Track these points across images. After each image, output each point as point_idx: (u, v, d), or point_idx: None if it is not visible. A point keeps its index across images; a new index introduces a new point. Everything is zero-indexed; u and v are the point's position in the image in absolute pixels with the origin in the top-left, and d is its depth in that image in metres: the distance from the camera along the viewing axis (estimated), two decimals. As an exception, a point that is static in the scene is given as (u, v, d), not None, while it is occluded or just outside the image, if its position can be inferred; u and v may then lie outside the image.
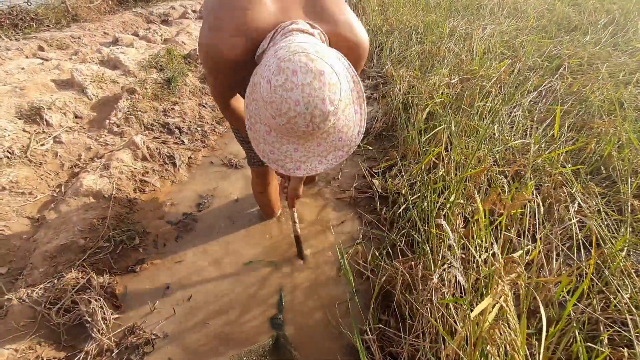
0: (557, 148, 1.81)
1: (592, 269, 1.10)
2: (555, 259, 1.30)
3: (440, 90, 2.30)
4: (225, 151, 2.38)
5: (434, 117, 2.13)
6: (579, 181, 1.67)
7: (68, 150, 2.18)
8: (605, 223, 1.45)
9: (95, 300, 1.31)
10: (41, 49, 3.27)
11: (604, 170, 1.79)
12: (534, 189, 1.60)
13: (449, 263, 1.09)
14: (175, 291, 1.45)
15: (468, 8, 5.20)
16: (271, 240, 1.69)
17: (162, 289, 1.46)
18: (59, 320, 1.26)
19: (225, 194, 1.99)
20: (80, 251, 1.53)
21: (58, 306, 1.28)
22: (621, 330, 1.03)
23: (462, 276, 0.92)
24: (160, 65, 3.21)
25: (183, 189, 2.05)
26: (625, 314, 1.04)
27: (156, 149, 2.23)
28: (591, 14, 4.06)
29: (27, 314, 1.27)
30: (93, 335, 1.23)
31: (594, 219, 1.43)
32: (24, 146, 2.02)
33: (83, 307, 1.28)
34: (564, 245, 1.36)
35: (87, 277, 1.39)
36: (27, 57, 2.98)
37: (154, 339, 1.26)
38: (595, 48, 3.12)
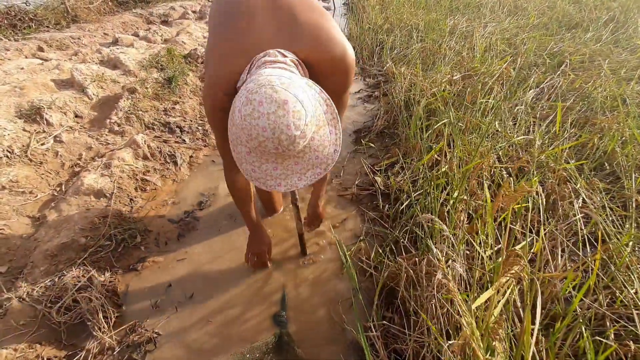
0: (561, 144, 1.80)
1: (598, 264, 1.09)
2: (561, 255, 1.29)
3: (441, 87, 2.29)
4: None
5: (436, 114, 2.12)
6: (583, 177, 1.65)
7: (69, 149, 2.17)
8: (610, 219, 1.44)
9: (97, 298, 1.30)
10: (41, 49, 3.26)
11: (607, 166, 1.78)
12: (538, 185, 1.59)
13: (446, 257, 1.08)
14: (177, 289, 1.44)
15: (469, 6, 5.19)
16: (273, 238, 1.68)
17: (164, 287, 1.45)
18: (59, 319, 1.25)
19: (226, 193, 1.98)
20: (81, 250, 1.52)
21: (59, 305, 1.27)
22: (627, 325, 1.02)
23: (461, 268, 0.91)
24: (161, 65, 3.21)
25: (184, 187, 2.05)
26: (632, 308, 1.03)
27: (157, 148, 2.22)
28: (592, 11, 4.05)
29: (28, 313, 1.26)
30: (94, 333, 1.22)
31: (599, 215, 1.42)
32: (24, 145, 2.02)
33: (84, 306, 1.28)
34: (569, 241, 1.35)
35: (88, 276, 1.38)
36: (27, 57, 2.97)
37: (156, 337, 1.25)
38: (596, 45, 3.11)
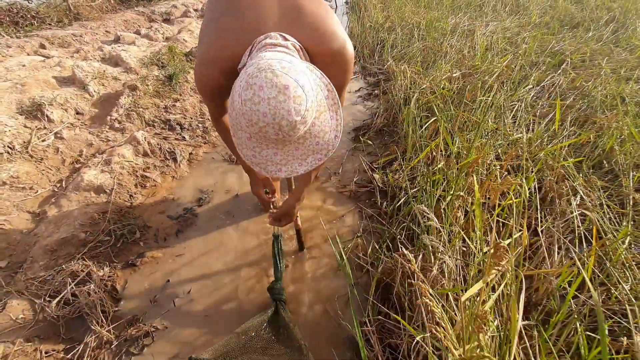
0: (560, 142, 1.80)
1: (593, 260, 1.09)
2: (557, 252, 1.29)
3: (441, 85, 2.29)
4: (226, 147, 2.38)
5: (437, 112, 2.12)
6: (582, 175, 1.65)
7: (69, 146, 2.19)
8: (608, 216, 1.44)
9: (95, 293, 1.31)
10: (42, 46, 3.28)
11: (606, 164, 1.78)
12: (534, 181, 1.59)
13: (440, 253, 1.08)
14: (175, 284, 1.45)
15: (470, 5, 5.18)
16: (271, 234, 1.69)
17: (163, 282, 1.46)
18: (58, 312, 1.26)
19: (225, 189, 1.99)
20: (81, 245, 1.53)
21: (58, 299, 1.29)
22: (621, 321, 1.03)
23: (454, 263, 0.92)
24: (162, 63, 3.22)
25: (184, 184, 2.06)
26: (626, 304, 1.03)
27: (157, 144, 2.23)
28: (593, 11, 4.04)
29: (27, 307, 1.28)
30: (92, 327, 1.23)
31: (596, 212, 1.42)
32: (25, 142, 2.03)
33: (83, 300, 1.29)
34: (566, 239, 1.35)
35: (87, 271, 1.39)
36: (29, 55, 2.99)
37: (154, 332, 1.26)
38: (597, 44, 3.10)
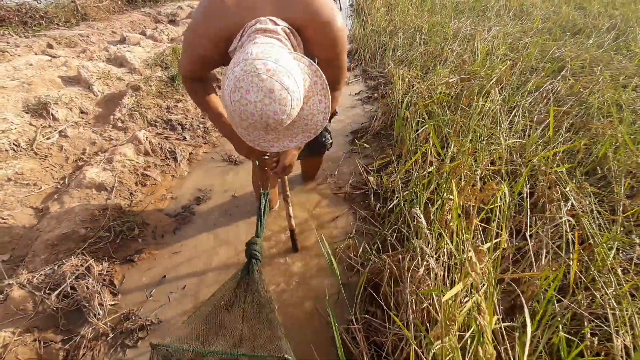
0: (554, 148, 1.82)
1: (576, 263, 1.11)
2: (545, 257, 1.31)
3: (438, 90, 2.32)
4: (226, 148, 2.42)
5: (433, 116, 2.15)
6: (575, 181, 1.67)
7: (73, 144, 2.24)
8: (597, 222, 1.46)
9: (93, 287, 1.36)
10: (50, 46, 3.35)
11: (600, 170, 1.80)
12: (528, 188, 1.61)
13: (425, 254, 1.11)
14: (171, 280, 1.49)
15: (474, 10, 5.20)
16: (266, 234, 1.72)
17: (159, 278, 1.50)
18: (57, 305, 1.31)
19: (223, 189, 2.03)
20: (81, 240, 1.58)
21: (57, 292, 1.33)
22: (602, 325, 1.05)
23: (438, 265, 0.95)
24: (165, 64, 3.28)
25: (183, 183, 2.10)
26: (607, 308, 1.05)
27: (158, 144, 2.28)
28: (595, 17, 4.04)
29: (27, 299, 1.32)
30: (90, 320, 1.28)
31: (585, 217, 1.44)
32: (30, 139, 2.09)
33: (81, 293, 1.33)
34: (554, 244, 1.37)
35: (86, 265, 1.43)
36: (36, 54, 3.06)
37: (149, 325, 1.30)
38: (598, 51, 3.11)
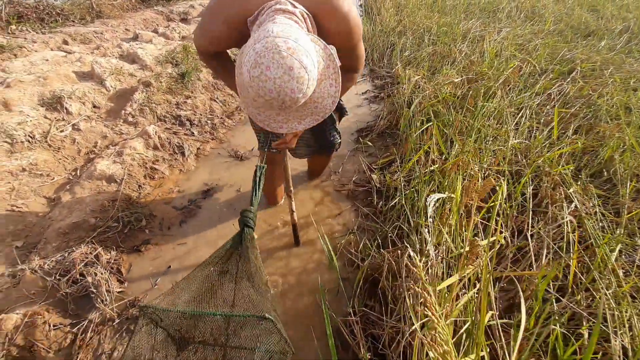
0: (559, 150, 1.81)
1: (575, 263, 1.12)
2: (545, 256, 1.32)
3: (443, 90, 2.32)
4: (233, 144, 2.47)
5: (439, 116, 2.15)
6: (580, 183, 1.67)
7: (85, 137, 2.31)
8: (600, 225, 1.46)
9: (101, 274, 1.40)
10: (65, 42, 3.44)
11: (605, 173, 1.79)
12: (531, 188, 1.61)
13: (425, 250, 1.12)
14: (175, 270, 1.53)
15: (484, 10, 5.17)
16: (269, 228, 1.76)
17: (164, 268, 1.54)
18: (67, 290, 1.35)
19: (229, 184, 2.07)
20: (91, 229, 1.63)
21: (67, 277, 1.38)
22: (601, 325, 1.05)
23: (440, 259, 0.96)
24: (176, 61, 3.34)
25: (190, 177, 2.14)
26: (606, 309, 1.05)
27: (167, 139, 2.33)
28: (608, 20, 3.99)
29: (39, 284, 1.37)
30: (97, 305, 1.32)
31: (588, 219, 1.44)
32: (44, 132, 2.16)
33: (90, 280, 1.38)
34: (556, 244, 1.37)
35: (95, 253, 1.48)
36: (52, 50, 3.14)
37: (153, 313, 1.34)
38: (609, 54, 3.07)
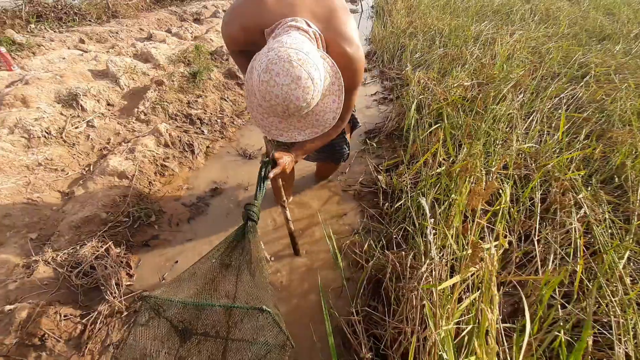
0: (569, 154, 1.79)
1: (581, 269, 1.11)
2: (552, 262, 1.31)
3: (452, 93, 2.31)
4: (242, 143, 2.50)
5: (448, 119, 2.14)
6: (590, 189, 1.65)
7: (99, 133, 2.36)
8: (610, 231, 1.44)
9: (111, 267, 1.44)
10: (82, 41, 3.52)
11: (617, 179, 1.76)
12: (539, 193, 1.60)
13: (429, 251, 1.13)
14: (183, 266, 1.56)
15: (498, 13, 5.11)
16: (275, 227, 1.78)
17: (172, 263, 1.57)
18: (78, 282, 1.40)
19: (237, 182, 2.10)
20: (102, 223, 1.67)
21: (78, 270, 1.42)
22: (605, 332, 1.04)
23: (444, 263, 0.96)
24: (188, 60, 3.39)
25: (199, 175, 2.18)
26: (611, 316, 1.04)
27: (178, 137, 2.37)
28: (624, 24, 3.91)
29: (51, 275, 1.42)
30: (106, 297, 1.36)
31: (597, 225, 1.42)
32: (60, 128, 2.22)
33: (100, 272, 1.42)
34: (563, 250, 1.36)
35: (106, 247, 1.52)
36: (69, 49, 3.23)
37: (160, 306, 1.37)
38: (625, 58, 3.01)
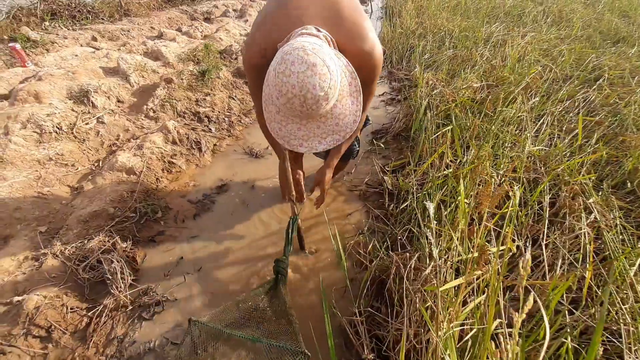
0: (580, 158, 1.76)
1: (590, 275, 1.08)
2: (560, 267, 1.28)
3: (461, 94, 2.29)
4: (248, 141, 2.51)
5: (456, 120, 2.12)
6: (601, 194, 1.61)
7: (109, 130, 2.39)
8: (621, 237, 1.41)
9: (117, 261, 1.46)
10: (94, 39, 3.58)
11: (629, 184, 1.72)
12: (548, 197, 1.57)
13: (433, 253, 1.11)
14: (188, 262, 1.57)
15: (509, 14, 5.05)
16: (280, 226, 1.78)
17: (177, 259, 1.58)
18: (85, 275, 1.41)
19: (243, 180, 2.11)
20: (110, 218, 1.69)
21: (85, 263, 1.44)
22: (614, 340, 1.01)
23: (450, 265, 0.95)
24: (197, 59, 3.42)
25: (206, 172, 2.19)
26: (621, 324, 1.02)
27: (185, 134, 2.39)
28: (641, 25, 3.83)
29: (59, 268, 1.44)
30: (112, 291, 1.37)
31: (608, 231, 1.39)
32: (71, 123, 2.25)
33: (106, 266, 1.43)
34: (572, 256, 1.33)
35: (113, 241, 1.54)
36: (81, 46, 3.28)
37: (164, 301, 1.38)
38: (639, 61, 2.95)
